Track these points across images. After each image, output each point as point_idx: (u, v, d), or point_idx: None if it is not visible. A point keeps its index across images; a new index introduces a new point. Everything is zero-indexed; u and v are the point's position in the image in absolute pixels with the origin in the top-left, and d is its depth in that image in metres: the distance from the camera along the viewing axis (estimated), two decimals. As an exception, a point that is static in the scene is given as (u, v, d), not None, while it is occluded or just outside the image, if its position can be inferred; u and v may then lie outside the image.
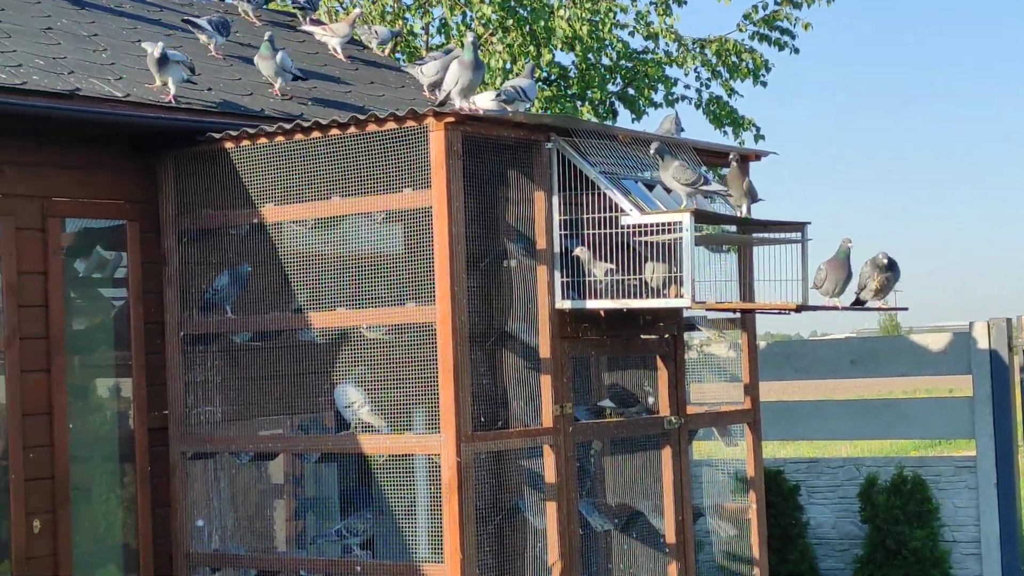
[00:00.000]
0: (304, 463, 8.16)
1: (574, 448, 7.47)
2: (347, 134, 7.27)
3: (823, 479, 12.90)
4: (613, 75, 15.56)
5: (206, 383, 7.91)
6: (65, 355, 7.45)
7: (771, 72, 15.70)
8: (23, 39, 7.96)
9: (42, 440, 7.31)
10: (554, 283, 7.38)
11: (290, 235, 7.65)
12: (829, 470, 12.88)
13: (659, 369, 8.14)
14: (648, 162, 7.79)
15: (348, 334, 7.45)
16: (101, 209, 7.71)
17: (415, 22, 15.16)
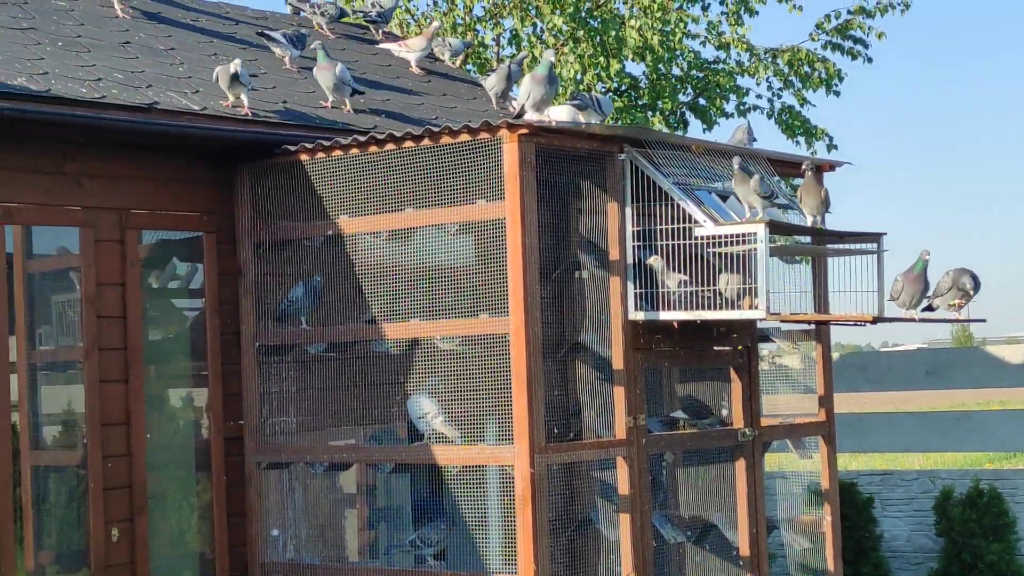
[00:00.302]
0: (378, 473, 8.21)
1: (647, 460, 7.45)
2: (421, 146, 7.30)
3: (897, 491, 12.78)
4: (684, 85, 15.51)
5: (281, 393, 7.98)
6: (143, 365, 7.53)
7: (844, 81, 15.58)
8: (102, 53, 8.07)
9: (120, 449, 7.40)
10: (627, 294, 7.37)
11: (364, 246, 7.70)
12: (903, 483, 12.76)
13: (732, 381, 8.10)
14: (721, 173, 7.77)
15: (421, 345, 7.48)
16: (178, 221, 7.79)
17: (486, 34, 15.20)
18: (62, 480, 7.58)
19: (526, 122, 7.04)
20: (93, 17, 8.77)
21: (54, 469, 7.58)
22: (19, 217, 7.11)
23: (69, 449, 7.62)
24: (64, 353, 7.65)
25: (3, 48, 7.56)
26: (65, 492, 7.56)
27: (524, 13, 14.60)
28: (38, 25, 8.21)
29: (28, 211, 7.14)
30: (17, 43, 7.75)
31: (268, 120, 7.95)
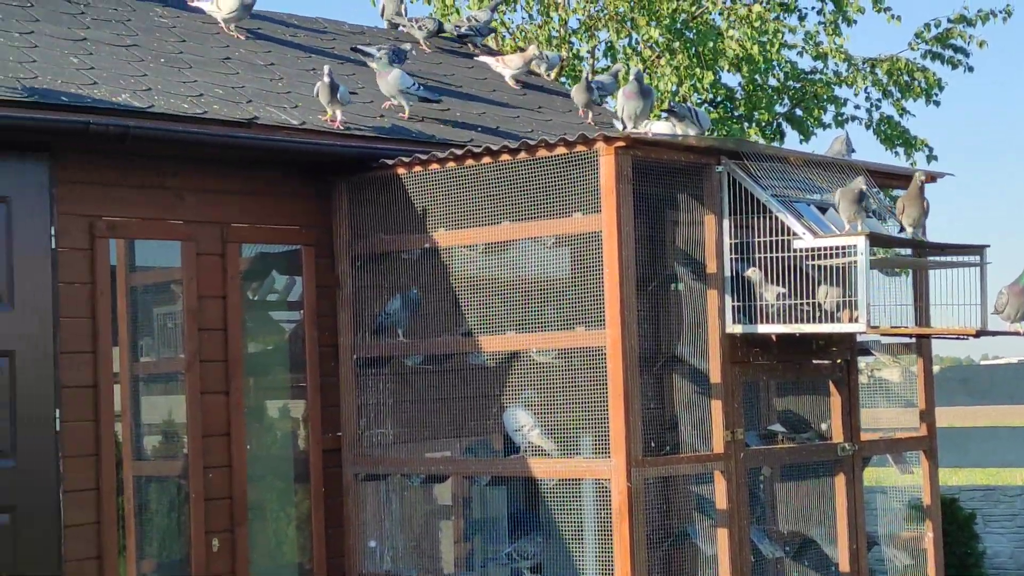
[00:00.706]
0: (474, 486, 8.22)
1: (745, 474, 7.39)
2: (517, 159, 7.32)
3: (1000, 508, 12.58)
4: (780, 96, 15.40)
5: (378, 405, 8.02)
6: (242, 377, 7.62)
7: (944, 91, 15.38)
8: (203, 69, 8.19)
9: (221, 461, 7.48)
10: (725, 307, 7.32)
11: (461, 259, 7.73)
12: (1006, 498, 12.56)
13: (832, 395, 8.02)
14: (820, 184, 7.70)
15: (518, 357, 7.49)
16: (278, 235, 7.88)
17: (581, 46, 15.21)
18: (163, 490, 7.69)
19: (623, 135, 7.02)
20: (194, 33, 8.90)
21: (155, 479, 7.69)
22: (123, 231, 7.23)
23: (170, 459, 7.73)
24: (165, 365, 7.77)
25: (107, 65, 7.70)
26: (166, 502, 7.66)
27: (619, 25, 14.59)
28: (141, 42, 8.35)
29: (132, 225, 7.26)
30: (121, 59, 7.89)
31: (365, 134, 8.01)
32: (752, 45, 14.04)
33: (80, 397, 6.98)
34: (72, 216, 7.00)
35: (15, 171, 6.80)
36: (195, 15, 9.30)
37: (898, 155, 15.66)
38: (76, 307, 7.00)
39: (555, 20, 15.00)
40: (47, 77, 7.14)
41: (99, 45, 8.02)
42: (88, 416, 7.00)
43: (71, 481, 6.90)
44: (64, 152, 6.92)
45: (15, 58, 7.28)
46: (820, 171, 7.76)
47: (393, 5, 10.74)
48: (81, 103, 6.93)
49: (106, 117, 6.88)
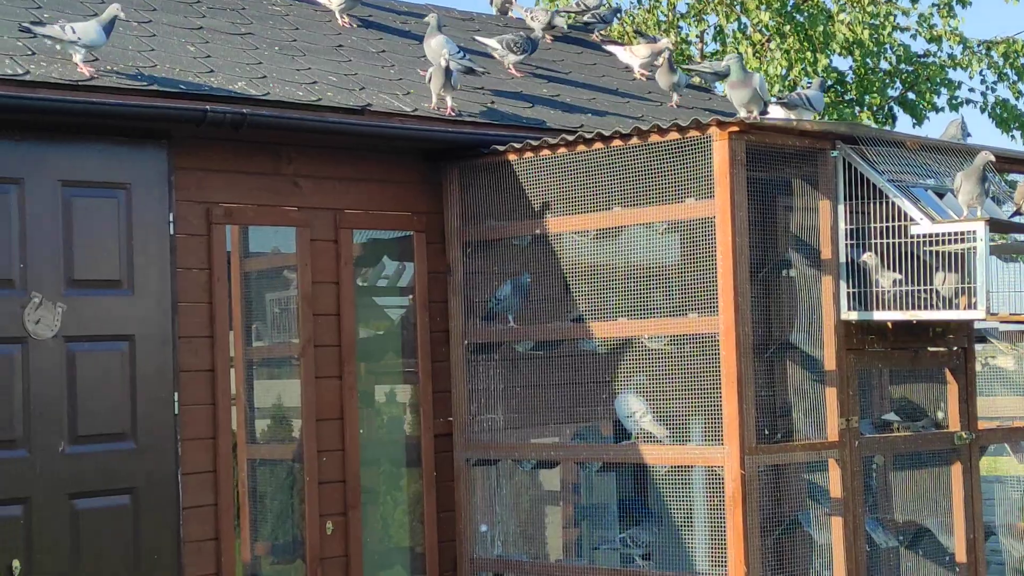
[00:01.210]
0: (583, 472, 8.22)
1: (860, 463, 7.31)
2: (629, 145, 7.29)
3: (1118, 498, 12.27)
4: (892, 79, 15.18)
5: (488, 391, 8.05)
6: (355, 362, 7.68)
7: (1062, 73, 15.07)
8: (317, 56, 8.26)
9: (334, 445, 7.56)
10: (840, 293, 7.24)
11: (571, 245, 7.72)
12: (1125, 489, 12.25)
13: (948, 383, 7.89)
14: (936, 169, 7.57)
15: (629, 344, 7.46)
16: (390, 221, 7.93)
17: (690, 30, 15.10)
18: (276, 473, 7.78)
19: (736, 120, 6.96)
20: (307, 21, 8.98)
21: (269, 462, 7.79)
22: (239, 217, 7.33)
23: (283, 443, 7.81)
24: (278, 349, 7.86)
25: (223, 53, 7.79)
26: (279, 485, 7.76)
27: (728, 9, 14.46)
28: (255, 30, 8.44)
29: (247, 211, 7.35)
30: (236, 47, 7.99)
31: (477, 120, 8.03)
32: (863, 29, 13.84)
33: (198, 381, 7.08)
34: (189, 202, 7.11)
35: (135, 158, 6.91)
36: (307, 3, 9.38)
37: (1014, 138, 15.38)
38: (194, 292, 7.11)
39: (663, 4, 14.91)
40: (165, 66, 7.25)
41: (215, 34, 8.12)
42: (206, 400, 7.11)
43: (189, 464, 7.02)
44: (182, 139, 7.02)
45: (134, 47, 7.40)
46: (936, 155, 7.63)
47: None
48: (198, 91, 7.03)
49: (223, 105, 6.97)
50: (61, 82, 6.58)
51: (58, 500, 6.59)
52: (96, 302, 6.77)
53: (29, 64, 6.65)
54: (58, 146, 6.70)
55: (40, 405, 6.56)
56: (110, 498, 6.75)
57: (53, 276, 6.64)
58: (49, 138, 6.66)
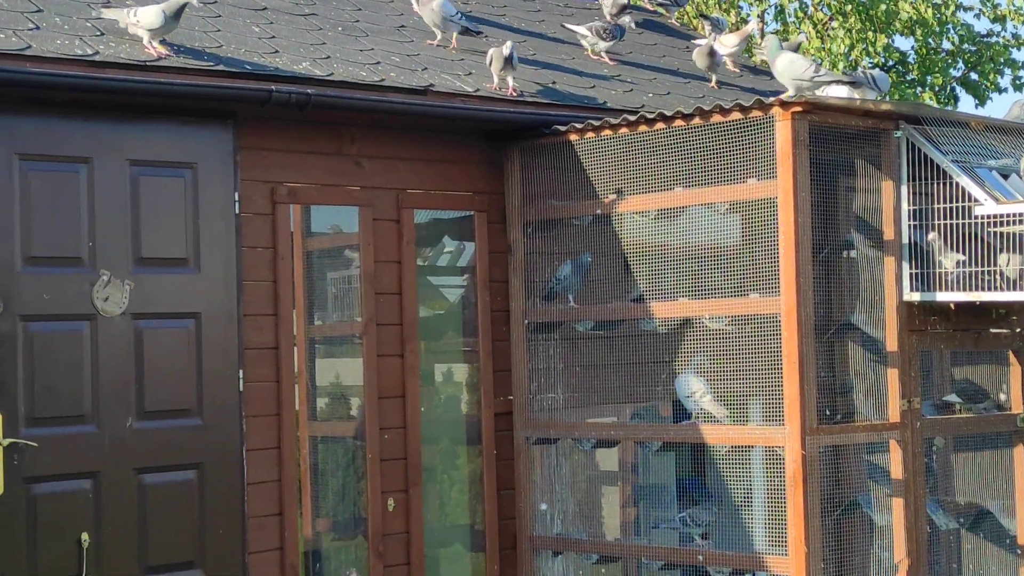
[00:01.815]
0: (642, 451, 8.24)
1: (922, 444, 7.29)
2: (691, 125, 7.29)
3: None
4: (955, 59, 15.05)
5: (548, 370, 8.08)
6: (417, 340, 7.74)
7: None
8: (380, 37, 8.31)
9: (396, 422, 7.62)
10: (902, 274, 7.21)
11: (632, 225, 7.73)
12: None
13: (1011, 365, 7.85)
14: (1002, 150, 7.52)
15: (690, 324, 7.47)
16: (451, 200, 7.97)
17: (751, 9, 15.03)
18: (338, 451, 7.85)
19: (799, 99, 6.95)
20: (370, 2, 9.03)
21: (330, 440, 7.86)
22: (303, 197, 7.39)
23: (344, 421, 7.89)
24: (340, 328, 7.92)
25: (288, 34, 7.86)
26: (340, 462, 7.83)
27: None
28: (319, 11, 8.50)
29: (311, 191, 7.42)
30: (300, 28, 8.05)
31: (539, 100, 8.05)
32: (926, 8, 13.73)
33: (262, 358, 7.16)
34: (254, 182, 7.18)
35: (201, 138, 6.99)
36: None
37: (1078, 120, 15.16)
38: (258, 271, 7.18)
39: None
40: (231, 46, 7.31)
41: (279, 14, 8.19)
42: (270, 377, 7.19)
43: (253, 440, 7.10)
44: (247, 119, 7.09)
45: (200, 28, 7.47)
46: (1001, 136, 7.58)
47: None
48: (264, 71, 7.09)
49: (288, 85, 7.03)
50: (129, 62, 6.66)
51: (126, 475, 6.69)
52: (163, 280, 6.86)
53: (99, 45, 6.73)
54: (126, 126, 6.78)
55: (108, 381, 6.66)
56: (176, 473, 6.85)
57: (121, 254, 6.73)
58: (117, 118, 6.74)
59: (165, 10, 6.88)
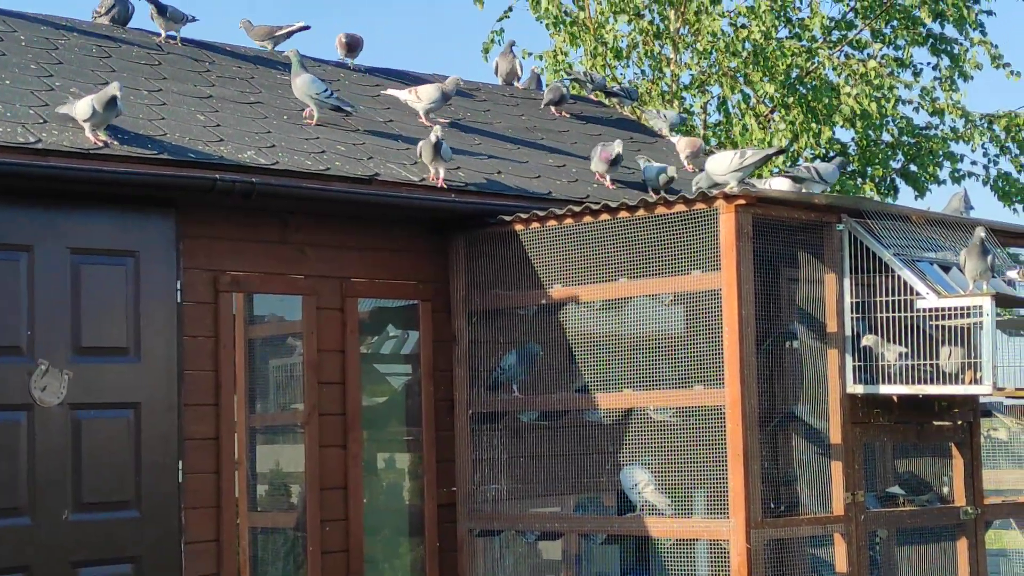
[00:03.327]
0: (586, 543, 8.17)
1: (866, 537, 7.28)
2: (635, 216, 7.32)
3: (1123, 574, 12.20)
4: (895, 152, 15.26)
5: (492, 461, 8.03)
6: (360, 430, 7.67)
7: (1064, 148, 15.15)
8: (325, 126, 8.30)
9: (338, 514, 7.53)
10: (845, 367, 7.24)
11: (577, 316, 7.73)
12: None
13: (954, 457, 7.88)
14: (941, 243, 7.60)
15: (634, 415, 7.46)
16: (395, 289, 7.94)
17: (693, 101, 15.20)
18: (279, 542, 7.74)
19: (743, 192, 7.00)
20: (316, 91, 9.03)
21: (271, 531, 7.75)
22: (246, 285, 7.34)
23: (286, 512, 7.78)
24: (283, 417, 7.85)
25: (233, 122, 7.85)
26: (282, 554, 7.71)
27: (732, 81, 14.57)
28: (264, 99, 8.50)
29: (254, 279, 7.37)
30: (245, 116, 8.04)
31: (483, 191, 8.06)
32: (869, 102, 13.94)
33: (203, 448, 7.07)
34: (197, 270, 7.13)
35: (143, 226, 6.94)
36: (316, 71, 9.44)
37: (1016, 212, 15.43)
38: (199, 360, 7.11)
39: (667, 76, 15.02)
40: (175, 134, 7.29)
41: (224, 102, 8.18)
42: (210, 468, 7.10)
43: (192, 532, 6.99)
44: (190, 207, 7.06)
45: (144, 115, 7.45)
46: (941, 229, 7.67)
47: (507, 64, 10.82)
48: (208, 160, 7.07)
49: (233, 174, 7.01)
50: (72, 150, 6.63)
51: (61, 569, 6.56)
52: (103, 369, 6.78)
53: (41, 132, 6.70)
54: (68, 214, 6.73)
55: (45, 472, 6.55)
56: (113, 567, 6.73)
57: (60, 343, 6.65)
58: (59, 205, 6.70)
59: (95, 102, 6.84)
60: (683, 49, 15.07)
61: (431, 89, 8.95)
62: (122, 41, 8.75)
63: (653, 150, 10.16)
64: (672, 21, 14.73)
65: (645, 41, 14.93)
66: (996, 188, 15.46)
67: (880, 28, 15.28)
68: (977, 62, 15.23)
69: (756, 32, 14.28)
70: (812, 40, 14.99)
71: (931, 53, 15.49)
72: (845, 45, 15.25)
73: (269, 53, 9.53)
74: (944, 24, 15.30)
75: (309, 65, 9.47)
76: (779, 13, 14.83)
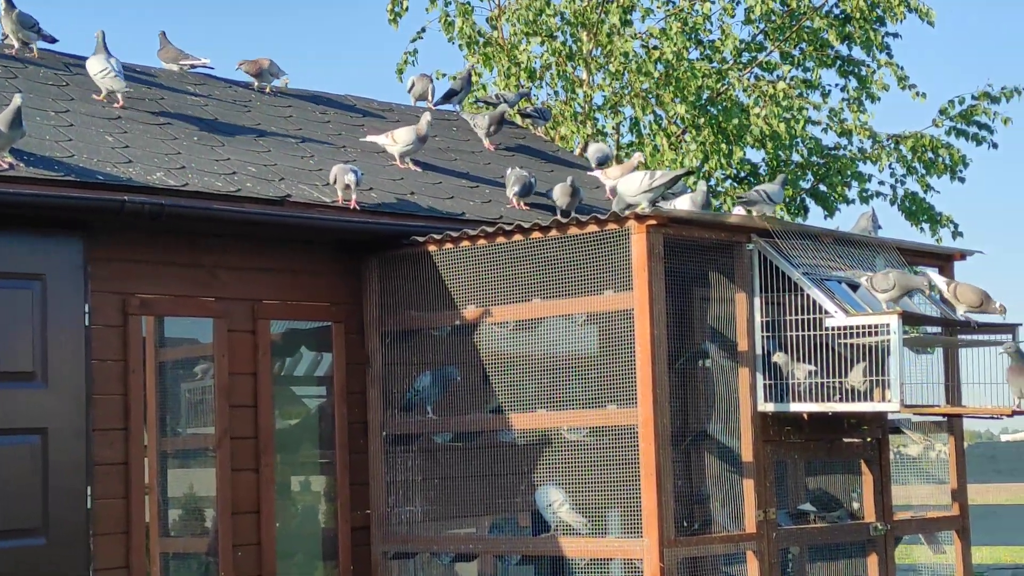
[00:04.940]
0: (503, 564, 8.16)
1: (778, 554, 7.34)
2: (548, 237, 7.34)
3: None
4: (804, 172, 15.45)
5: (407, 483, 7.99)
6: (273, 454, 7.60)
7: (968, 167, 15.41)
8: (236, 147, 8.26)
9: (250, 539, 7.45)
10: (756, 385, 7.30)
11: (490, 336, 7.73)
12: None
13: (864, 474, 7.97)
14: (849, 262, 7.70)
15: (548, 435, 7.47)
16: (308, 311, 7.89)
17: (606, 122, 15.29)
18: (191, 567, 7.65)
19: (655, 213, 7.05)
20: (226, 111, 8.98)
21: (183, 556, 7.66)
22: (156, 308, 7.26)
23: (198, 537, 7.70)
24: (194, 441, 7.76)
25: (142, 143, 7.77)
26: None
27: (644, 102, 14.67)
28: (174, 120, 8.43)
29: (164, 302, 7.29)
30: (155, 137, 7.97)
31: (396, 212, 8.05)
32: (778, 123, 14.10)
33: (112, 474, 6.97)
34: (106, 293, 7.04)
35: (50, 249, 6.84)
36: (227, 92, 9.39)
37: (923, 231, 15.67)
38: (108, 384, 7.02)
39: (580, 96, 15.10)
40: (83, 156, 7.20)
41: (133, 123, 8.10)
42: (119, 493, 7.00)
43: (101, 559, 6.88)
44: (99, 230, 6.97)
45: (51, 137, 7.36)
46: (849, 248, 7.77)
47: (422, 85, 10.81)
48: (116, 182, 6.99)
49: (141, 195, 6.93)
50: (-25, 172, 6.52)
51: (-35, 598, 6.44)
52: (8, 395, 6.66)
53: (-56, 153, 6.58)
54: (-28, 236, 6.62)
55: (-52, 500, 6.43)
56: (19, 596, 6.61)
57: (-36, 368, 6.53)
58: (-37, 228, 6.59)
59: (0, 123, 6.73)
60: (596, 70, 15.16)
61: (407, 132, 9.00)
62: (28, 62, 8.63)
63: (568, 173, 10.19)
64: (585, 43, 14.80)
65: (558, 62, 14.99)
66: (903, 208, 15.69)
67: (789, 50, 15.47)
68: (884, 83, 15.48)
69: (668, 53, 14.39)
70: (723, 62, 15.15)
71: (839, 75, 15.73)
72: (755, 67, 15.42)
73: (179, 74, 9.45)
74: (852, 46, 15.54)
75: (220, 87, 9.43)
76: (690, 35, 14.97)
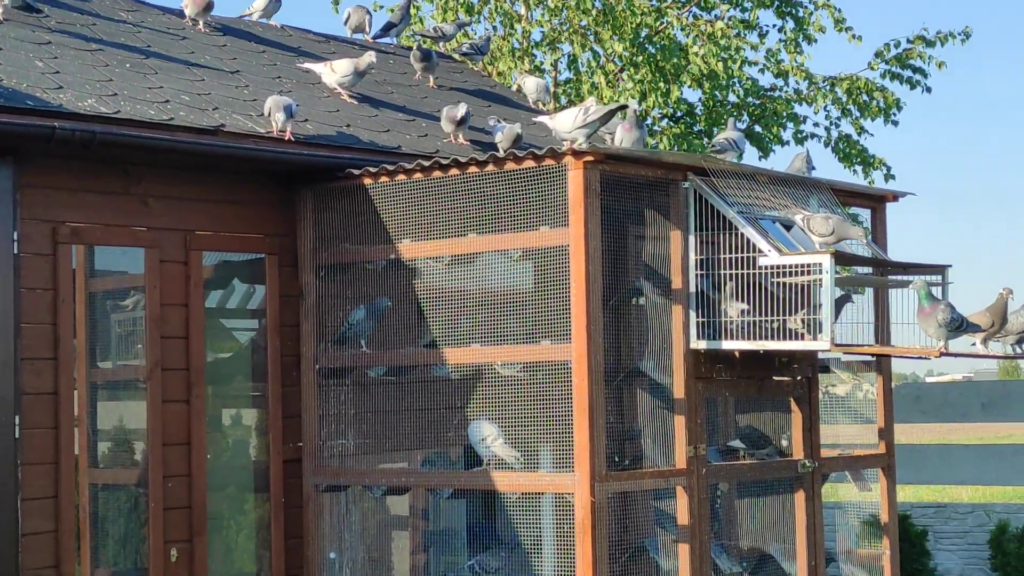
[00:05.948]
0: (433, 497, 8.19)
1: (707, 490, 7.41)
2: (485, 171, 7.31)
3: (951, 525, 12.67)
4: (740, 112, 15.49)
5: (339, 416, 7.98)
6: (204, 386, 7.56)
7: (902, 111, 15.52)
8: (169, 75, 8.14)
9: (181, 470, 7.42)
10: (689, 323, 7.34)
11: (426, 271, 7.71)
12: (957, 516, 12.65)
13: (793, 412, 8.05)
14: (783, 202, 7.74)
15: (482, 370, 7.48)
16: (241, 243, 7.83)
17: (545, 59, 15.23)
18: (120, 499, 7.61)
19: (592, 149, 7.03)
20: (160, 39, 8.84)
21: (112, 487, 7.62)
22: (86, 237, 7.17)
23: (127, 468, 7.66)
24: (125, 372, 7.71)
25: (73, 69, 7.63)
26: (123, 511, 7.59)
27: (583, 39, 14.62)
28: (107, 47, 8.28)
29: (95, 231, 7.20)
30: (87, 64, 7.83)
31: (333, 144, 7.98)
32: (716, 62, 14.11)
33: (40, 404, 6.91)
34: (35, 221, 6.94)
35: (-22, 175, 6.73)
36: (160, 20, 9.24)
37: (856, 173, 15.79)
38: (37, 313, 6.93)
39: (518, 32, 15.02)
40: (12, 81, 7.07)
41: (64, 49, 7.95)
42: (49, 424, 6.94)
43: (29, 489, 6.83)
44: (28, 157, 6.86)
45: (-21, 61, 7.21)
46: (784, 188, 7.81)
47: (358, 17, 10.70)
48: (47, 108, 6.87)
49: (72, 122, 6.82)
50: (-98, 95, 6.38)
51: None
52: (-65, 322, 6.57)
53: None
54: (-103, 161, 6.49)
55: None
56: (-55, 525, 6.55)
57: None
58: None
59: None
60: (534, 6, 15.07)
61: (346, 64, 8.93)
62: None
63: (506, 111, 10.16)
64: (524, -23, 14.72)
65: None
66: (837, 150, 15.81)
67: (728, -10, 15.48)
68: (821, 25, 15.52)
69: (607, -10, 14.35)
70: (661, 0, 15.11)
71: (777, 15, 15.76)
72: (693, 6, 15.40)
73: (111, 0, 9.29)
74: (790, -13, 15.56)
75: (153, 14, 9.29)
76: (629, -28, 14.92)
